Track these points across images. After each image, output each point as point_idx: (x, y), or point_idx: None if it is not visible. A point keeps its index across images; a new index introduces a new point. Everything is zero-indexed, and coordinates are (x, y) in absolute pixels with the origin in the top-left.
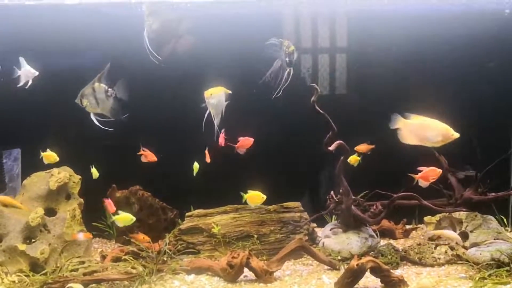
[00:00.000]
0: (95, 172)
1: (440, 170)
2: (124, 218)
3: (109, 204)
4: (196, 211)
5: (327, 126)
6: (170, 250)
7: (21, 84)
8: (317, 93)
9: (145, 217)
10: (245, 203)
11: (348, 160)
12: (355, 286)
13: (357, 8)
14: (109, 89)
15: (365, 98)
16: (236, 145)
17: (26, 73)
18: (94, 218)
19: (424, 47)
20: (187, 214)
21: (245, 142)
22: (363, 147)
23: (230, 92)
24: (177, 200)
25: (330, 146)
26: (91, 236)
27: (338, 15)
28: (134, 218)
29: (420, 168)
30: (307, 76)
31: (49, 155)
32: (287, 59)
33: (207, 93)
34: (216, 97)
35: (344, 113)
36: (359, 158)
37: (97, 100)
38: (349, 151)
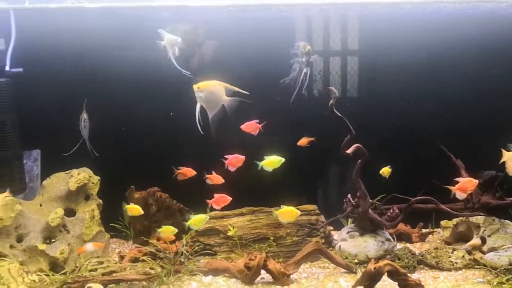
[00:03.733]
0: (386, 171)
1: (477, 181)
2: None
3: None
4: (213, 213)
5: (346, 130)
6: (187, 251)
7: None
8: (335, 96)
9: (162, 218)
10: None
11: (380, 172)
12: None
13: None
14: (84, 120)
15: (377, 101)
16: (226, 162)
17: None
18: (112, 218)
19: (436, 49)
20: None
21: (234, 160)
22: (385, 171)
23: (237, 89)
24: (194, 202)
25: (347, 149)
26: (102, 246)
27: (351, 18)
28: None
29: (457, 179)
30: (319, 79)
31: (133, 208)
32: (303, 59)
33: (194, 87)
34: (205, 91)
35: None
36: (390, 170)
37: (80, 126)
38: (367, 154)
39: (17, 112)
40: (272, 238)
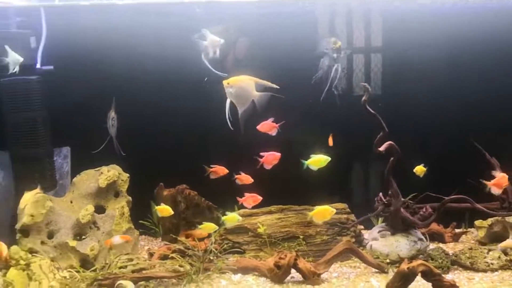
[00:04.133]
0: (420, 169)
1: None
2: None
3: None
4: (241, 211)
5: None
6: (215, 249)
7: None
8: (368, 93)
9: (191, 215)
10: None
11: (414, 170)
12: None
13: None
14: (112, 118)
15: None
16: (261, 160)
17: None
18: (141, 215)
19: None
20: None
21: (270, 158)
22: (418, 169)
23: (268, 83)
24: (222, 199)
25: (380, 147)
26: (129, 238)
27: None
28: (241, 218)
29: (493, 174)
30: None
31: (163, 209)
32: (334, 55)
33: (224, 82)
34: (235, 86)
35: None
36: (425, 169)
37: (108, 124)
38: (400, 152)
39: (48, 109)
40: (301, 236)
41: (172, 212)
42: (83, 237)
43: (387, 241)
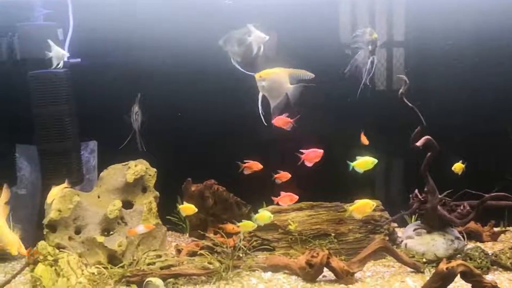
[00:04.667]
0: (459, 167)
1: None
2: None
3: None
4: (270, 207)
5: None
6: (244, 246)
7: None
8: (406, 85)
9: (219, 211)
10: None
11: (453, 168)
12: None
13: None
14: (136, 113)
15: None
16: (302, 157)
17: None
18: (168, 211)
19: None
20: (261, 210)
21: (311, 155)
22: (457, 167)
23: (302, 71)
24: (250, 195)
25: (417, 141)
26: (152, 227)
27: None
28: (272, 216)
29: None
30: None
31: (187, 207)
32: (369, 47)
33: (256, 75)
34: (267, 79)
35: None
36: (463, 166)
37: (132, 119)
38: (438, 147)
39: (75, 103)
40: (333, 234)
41: (196, 210)
42: (111, 232)
43: (423, 240)
